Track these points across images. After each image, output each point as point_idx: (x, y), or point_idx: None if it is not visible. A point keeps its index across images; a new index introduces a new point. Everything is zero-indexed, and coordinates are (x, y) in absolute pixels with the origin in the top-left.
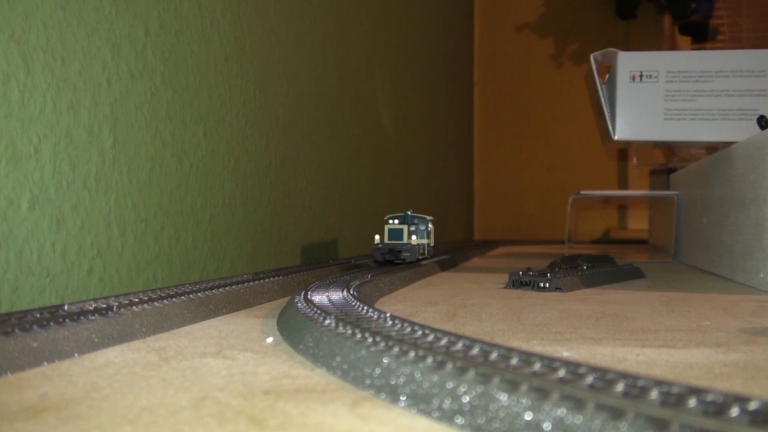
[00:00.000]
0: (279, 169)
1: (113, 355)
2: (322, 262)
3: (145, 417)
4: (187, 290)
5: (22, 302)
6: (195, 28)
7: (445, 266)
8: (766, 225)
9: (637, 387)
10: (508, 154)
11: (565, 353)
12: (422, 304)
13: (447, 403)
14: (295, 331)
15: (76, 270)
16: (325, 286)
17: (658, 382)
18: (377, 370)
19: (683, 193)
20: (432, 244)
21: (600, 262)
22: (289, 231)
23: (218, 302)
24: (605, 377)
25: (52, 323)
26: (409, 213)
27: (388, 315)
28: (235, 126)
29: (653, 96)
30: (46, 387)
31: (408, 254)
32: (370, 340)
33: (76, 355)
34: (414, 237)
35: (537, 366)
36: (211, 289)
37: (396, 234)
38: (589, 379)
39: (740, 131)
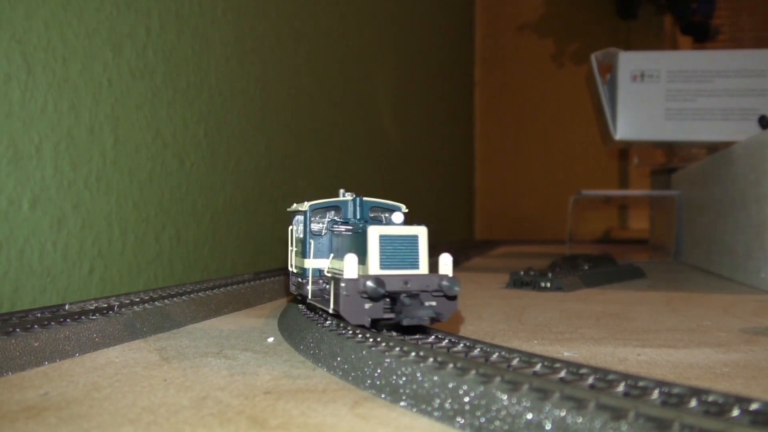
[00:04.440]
0: (280, 168)
1: (114, 354)
2: None
3: (146, 416)
4: (188, 290)
5: (24, 302)
6: (196, 28)
7: None
8: (767, 225)
9: (638, 387)
10: (508, 153)
11: (566, 353)
12: None
13: (448, 403)
14: (296, 331)
15: (77, 270)
16: None
17: (659, 383)
18: (378, 370)
19: (684, 193)
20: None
21: (601, 261)
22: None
23: (219, 302)
24: (606, 377)
25: (53, 323)
26: (356, 198)
27: None
28: (236, 126)
29: (654, 96)
30: (47, 386)
31: (441, 304)
32: (371, 340)
33: (77, 354)
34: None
35: (538, 366)
36: (212, 288)
37: (403, 251)
38: (590, 380)
39: (741, 131)
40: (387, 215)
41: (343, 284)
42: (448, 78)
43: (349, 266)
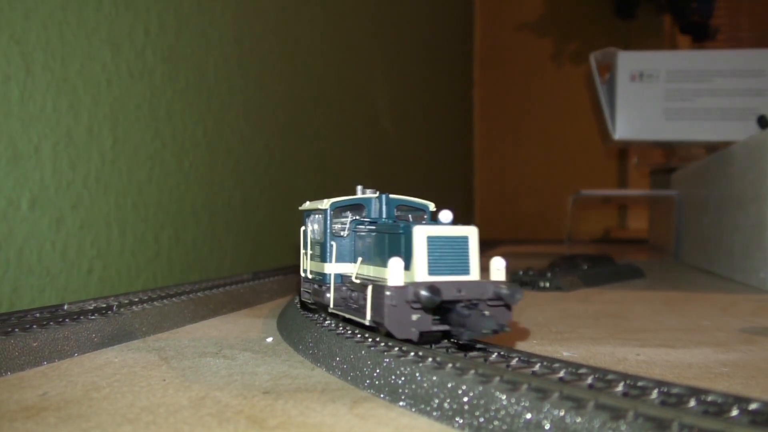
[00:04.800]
0: (279, 168)
1: (113, 354)
2: None
3: (145, 416)
4: (187, 290)
5: (22, 302)
6: (195, 28)
7: None
8: (766, 224)
9: (637, 387)
10: (508, 153)
11: (565, 353)
12: None
13: (447, 403)
14: (295, 331)
15: (76, 270)
16: None
17: (658, 383)
18: (377, 370)
19: (683, 193)
20: None
21: (600, 261)
22: (289, 230)
23: (218, 302)
24: (605, 377)
25: (52, 323)
26: (382, 195)
27: None
28: (234, 126)
29: (653, 95)
30: (46, 386)
31: (496, 314)
32: (370, 340)
33: (75, 354)
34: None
35: (537, 366)
36: (211, 288)
37: (453, 254)
38: (589, 380)
39: (740, 131)
40: (411, 215)
41: (388, 292)
42: (447, 78)
43: (395, 272)
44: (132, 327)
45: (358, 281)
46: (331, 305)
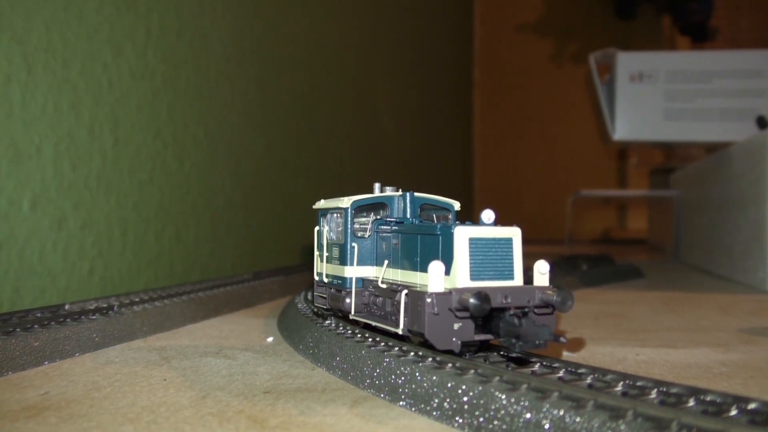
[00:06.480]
0: (280, 169)
1: (114, 354)
2: None
3: (146, 416)
4: (188, 290)
5: (24, 302)
6: (196, 28)
7: None
8: (765, 225)
9: (637, 387)
10: (507, 153)
11: (565, 353)
12: None
13: (447, 403)
14: (295, 331)
15: (77, 270)
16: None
17: (658, 382)
18: (377, 370)
19: (683, 193)
20: None
21: (599, 261)
22: (290, 231)
23: (219, 302)
24: (604, 377)
25: (53, 323)
26: (407, 193)
27: None
28: (236, 126)
29: (653, 96)
30: (48, 386)
31: (544, 324)
32: (370, 340)
33: (77, 354)
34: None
35: (536, 366)
36: (212, 288)
37: (496, 258)
38: (589, 379)
39: (739, 131)
40: (435, 214)
41: (429, 299)
42: (447, 78)
43: (435, 277)
44: (133, 327)
45: (384, 286)
46: (353, 311)
